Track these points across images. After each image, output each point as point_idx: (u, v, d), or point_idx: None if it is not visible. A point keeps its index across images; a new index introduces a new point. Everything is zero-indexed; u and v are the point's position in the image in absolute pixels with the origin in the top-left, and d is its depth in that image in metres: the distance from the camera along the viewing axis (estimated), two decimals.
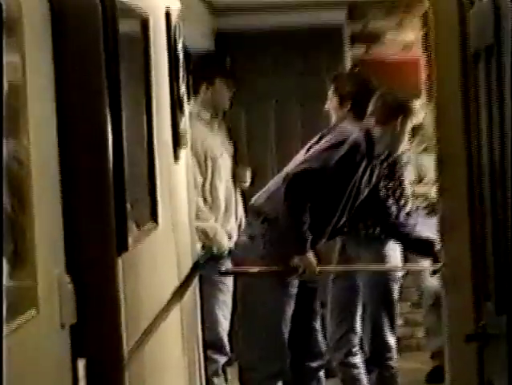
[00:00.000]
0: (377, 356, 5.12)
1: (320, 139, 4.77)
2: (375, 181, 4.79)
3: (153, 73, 3.39)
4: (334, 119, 5.03)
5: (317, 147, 4.72)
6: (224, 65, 5.31)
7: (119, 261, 2.61)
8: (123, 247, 2.65)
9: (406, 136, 4.76)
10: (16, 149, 1.95)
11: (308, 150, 4.78)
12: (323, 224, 4.71)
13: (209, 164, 5.14)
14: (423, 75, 5.93)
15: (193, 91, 5.00)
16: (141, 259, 3.20)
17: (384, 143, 4.69)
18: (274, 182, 4.86)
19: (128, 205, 2.82)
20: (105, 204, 2.53)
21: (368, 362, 5.14)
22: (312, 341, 4.91)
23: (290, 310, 4.70)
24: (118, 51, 2.65)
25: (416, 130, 5.00)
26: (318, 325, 4.94)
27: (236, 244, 5.09)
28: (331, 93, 4.99)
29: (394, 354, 5.16)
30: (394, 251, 5.12)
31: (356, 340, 5.13)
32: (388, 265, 5.18)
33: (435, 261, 4.39)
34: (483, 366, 2.87)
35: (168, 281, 4.02)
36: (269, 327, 4.71)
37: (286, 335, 4.71)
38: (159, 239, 3.59)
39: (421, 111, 4.98)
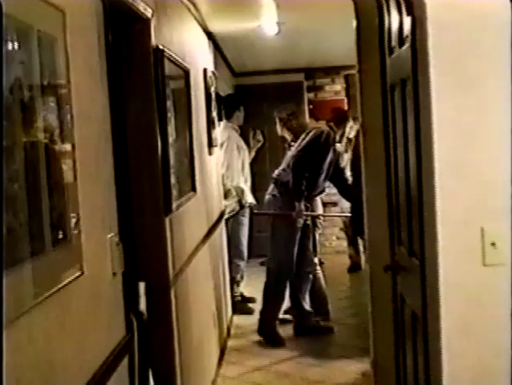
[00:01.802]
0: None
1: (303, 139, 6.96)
2: (335, 159, 6.94)
3: (193, 104, 5.07)
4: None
5: (307, 139, 6.90)
6: (241, 102, 8.42)
7: (166, 219, 3.88)
8: (168, 210, 3.92)
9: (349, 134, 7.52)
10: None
11: (299, 144, 6.93)
12: (313, 187, 6.85)
13: (241, 152, 8.12)
14: (346, 107, 9.80)
15: (227, 116, 8.06)
16: (184, 215, 4.57)
17: (338, 135, 7.00)
18: (284, 162, 7.04)
19: (174, 181, 4.14)
20: (155, 183, 3.76)
21: None
22: (306, 254, 7.01)
23: (297, 236, 6.86)
24: (165, 90, 3.95)
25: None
26: (310, 245, 7.10)
27: (266, 200, 7.23)
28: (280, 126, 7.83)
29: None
30: None
31: None
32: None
33: None
34: (396, 286, 3.85)
35: (202, 226, 5.57)
36: (286, 246, 6.79)
37: (295, 251, 6.81)
38: (197, 201, 5.08)
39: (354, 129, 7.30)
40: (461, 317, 2.90)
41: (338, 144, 7.06)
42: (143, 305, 3.68)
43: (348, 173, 7.63)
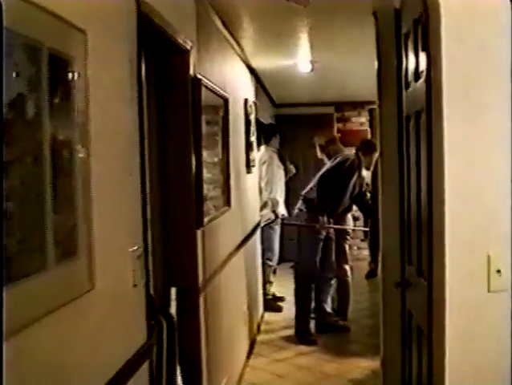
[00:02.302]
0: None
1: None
2: (359, 183, 6.49)
3: (231, 128, 4.72)
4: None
5: (333, 164, 6.65)
6: (278, 130, 8.15)
7: (198, 232, 3.53)
8: (200, 224, 3.57)
9: (373, 162, 6.48)
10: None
11: (327, 167, 6.64)
12: (336, 205, 6.43)
13: (279, 170, 7.89)
14: (369, 137, 9.53)
15: (266, 141, 7.83)
16: (218, 226, 4.22)
17: (364, 162, 6.53)
18: (312, 182, 6.66)
19: (208, 197, 3.81)
20: (189, 199, 3.42)
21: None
22: (329, 262, 6.56)
23: (319, 245, 6.45)
24: (201, 113, 3.61)
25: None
26: (332, 254, 6.61)
27: (295, 213, 6.89)
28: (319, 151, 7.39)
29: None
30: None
31: None
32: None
33: None
34: (404, 301, 3.46)
35: (236, 236, 5.19)
36: (310, 254, 6.40)
37: (318, 259, 6.43)
38: (231, 215, 4.70)
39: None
40: (464, 335, 2.47)
41: (365, 171, 6.67)
42: (173, 309, 3.38)
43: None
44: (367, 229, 7.96)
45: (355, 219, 9.43)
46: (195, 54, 3.57)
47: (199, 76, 3.54)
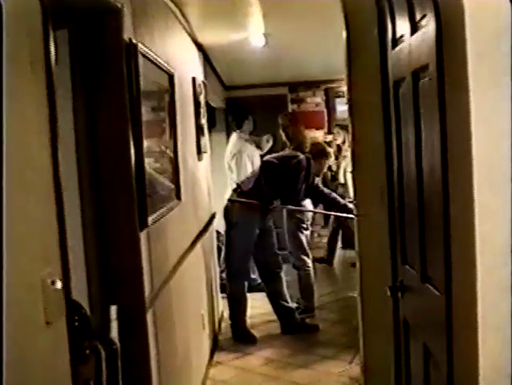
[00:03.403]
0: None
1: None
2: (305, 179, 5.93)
3: (178, 110, 3.93)
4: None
5: (280, 154, 6.23)
6: (248, 112, 7.91)
7: (142, 234, 2.81)
8: (144, 224, 2.87)
9: (323, 169, 6.36)
10: None
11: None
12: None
13: (253, 160, 7.53)
14: (325, 118, 9.64)
15: (238, 126, 7.73)
16: (167, 225, 3.51)
17: (313, 168, 5.96)
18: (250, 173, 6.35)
19: (152, 191, 3.10)
20: (128, 196, 2.70)
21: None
22: (270, 255, 5.92)
23: (252, 240, 5.75)
24: (139, 90, 2.87)
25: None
26: (274, 247, 5.97)
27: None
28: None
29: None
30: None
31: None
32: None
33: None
34: (397, 307, 2.85)
35: (189, 233, 4.48)
36: (243, 251, 5.75)
37: (251, 255, 5.87)
38: (182, 209, 3.99)
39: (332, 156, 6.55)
40: (498, 363, 1.84)
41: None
42: (115, 332, 2.68)
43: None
44: (330, 213, 7.37)
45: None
46: (129, 17, 2.86)
47: (134, 41, 2.82)
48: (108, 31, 2.64)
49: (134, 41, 2.82)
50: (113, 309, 2.67)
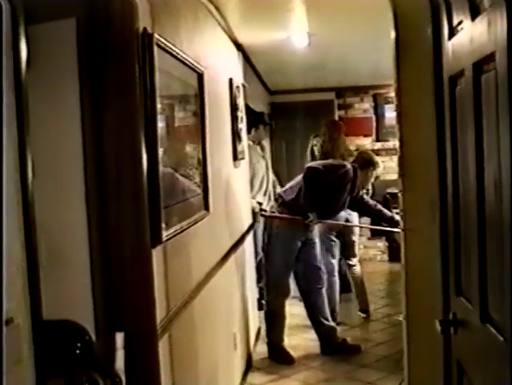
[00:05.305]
0: None
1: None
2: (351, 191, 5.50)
3: (207, 112, 3.49)
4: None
5: (326, 162, 5.66)
6: (262, 119, 6.77)
7: (154, 252, 2.44)
8: (157, 241, 2.49)
9: (370, 180, 5.75)
10: None
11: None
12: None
13: (261, 166, 6.73)
14: (373, 125, 9.40)
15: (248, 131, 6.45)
16: (190, 239, 3.14)
17: (359, 180, 5.49)
18: (293, 181, 5.60)
19: (172, 203, 2.74)
20: (139, 207, 2.36)
21: None
22: (312, 271, 5.47)
23: (293, 255, 5.38)
24: (154, 87, 2.48)
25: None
26: (316, 260, 5.52)
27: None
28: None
29: None
30: None
31: None
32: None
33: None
34: (449, 346, 2.42)
35: (220, 247, 4.09)
36: (282, 267, 5.36)
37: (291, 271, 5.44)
38: (210, 221, 3.60)
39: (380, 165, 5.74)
40: None
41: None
42: (120, 363, 2.33)
43: None
44: (375, 228, 6.94)
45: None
46: (146, 5, 2.51)
47: (150, 30, 2.46)
48: (117, 18, 2.30)
49: (149, 31, 2.46)
50: (119, 336, 2.33)
